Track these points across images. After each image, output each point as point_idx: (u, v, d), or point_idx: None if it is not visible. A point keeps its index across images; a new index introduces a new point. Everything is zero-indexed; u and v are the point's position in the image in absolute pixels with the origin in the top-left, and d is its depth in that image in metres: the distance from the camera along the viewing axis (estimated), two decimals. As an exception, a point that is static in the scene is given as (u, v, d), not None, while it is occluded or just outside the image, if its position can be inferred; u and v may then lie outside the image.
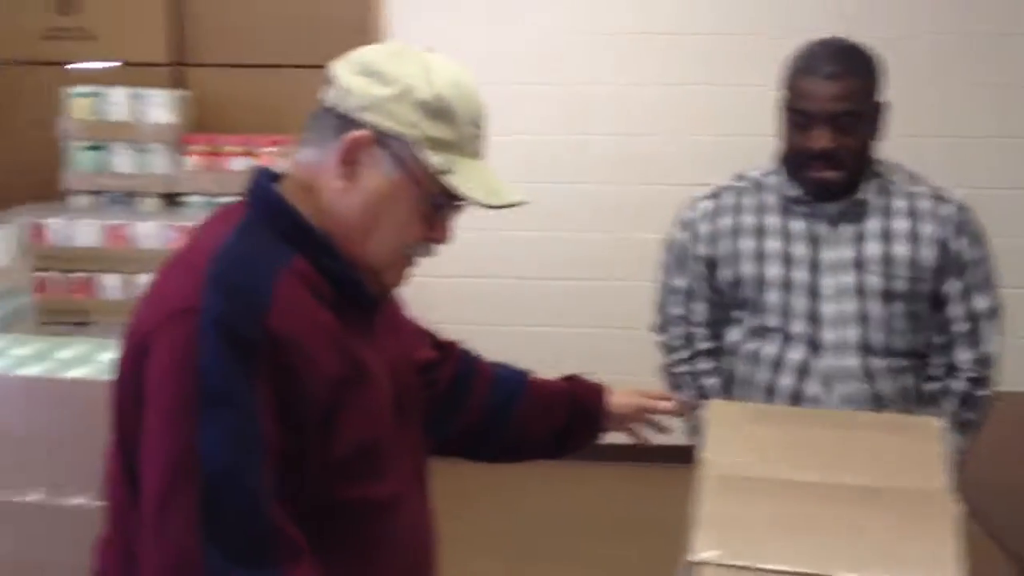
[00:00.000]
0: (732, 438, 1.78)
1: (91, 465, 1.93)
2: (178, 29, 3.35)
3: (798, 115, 2.09)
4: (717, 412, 1.89)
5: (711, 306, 2.21)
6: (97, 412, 1.86)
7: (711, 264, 2.19)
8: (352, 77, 1.33)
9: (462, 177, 1.32)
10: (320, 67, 2.86)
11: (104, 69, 3.34)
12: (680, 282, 2.24)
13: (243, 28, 3.32)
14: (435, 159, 1.30)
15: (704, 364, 2.25)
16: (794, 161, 2.13)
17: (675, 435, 1.96)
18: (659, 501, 1.62)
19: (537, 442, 1.72)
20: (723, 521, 1.46)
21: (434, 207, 1.33)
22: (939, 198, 2.15)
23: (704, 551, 1.35)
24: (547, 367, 1.87)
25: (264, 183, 1.35)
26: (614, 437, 1.82)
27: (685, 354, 2.26)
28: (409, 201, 1.32)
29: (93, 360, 2.05)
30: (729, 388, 2.22)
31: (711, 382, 2.24)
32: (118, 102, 3.04)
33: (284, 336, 1.20)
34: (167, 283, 1.27)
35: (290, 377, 1.20)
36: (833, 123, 2.05)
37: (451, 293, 4.78)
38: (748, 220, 2.17)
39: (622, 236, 4.26)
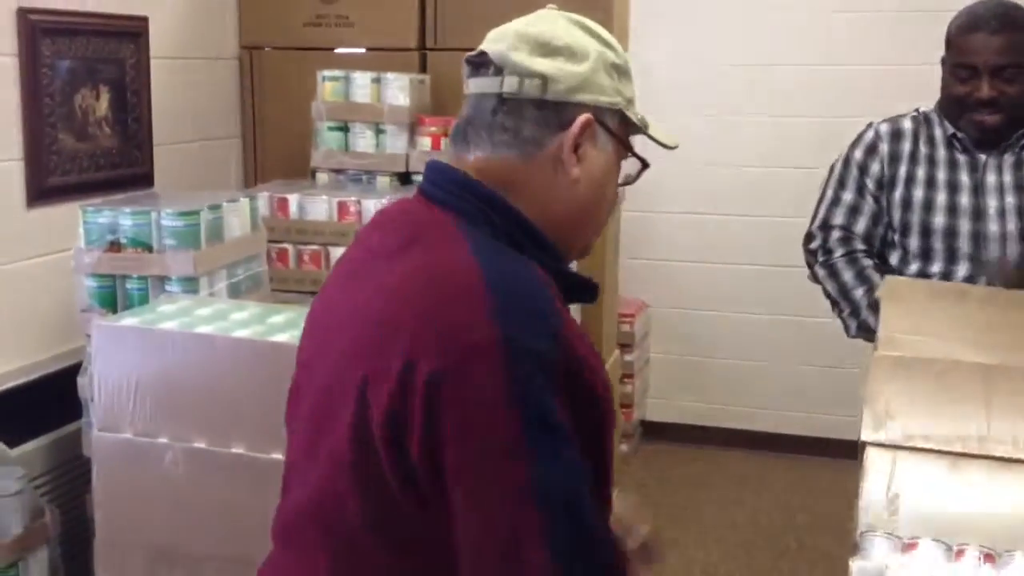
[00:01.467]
0: (906, 315, 1.81)
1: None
2: (424, 16, 3.50)
3: (963, 69, 2.27)
4: (892, 288, 1.98)
5: (873, 223, 2.39)
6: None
7: (887, 183, 2.38)
8: (535, 60, 1.25)
9: (653, 128, 1.34)
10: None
11: (359, 54, 3.55)
12: (848, 196, 2.42)
13: (481, 14, 3.41)
14: (636, 118, 1.31)
15: (863, 256, 2.38)
16: (957, 108, 2.31)
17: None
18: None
19: None
20: (890, 401, 1.47)
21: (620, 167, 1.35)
22: None
23: (870, 432, 1.38)
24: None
25: (476, 186, 1.26)
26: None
27: (843, 250, 2.40)
28: (618, 170, 1.33)
29: (300, 326, 2.19)
30: None
31: (871, 263, 2.37)
32: (362, 85, 3.21)
33: (572, 351, 1.15)
34: (437, 311, 1.14)
35: (584, 393, 1.16)
36: (998, 75, 2.24)
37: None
38: (923, 149, 2.36)
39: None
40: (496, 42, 1.28)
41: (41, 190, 2.79)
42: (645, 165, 1.36)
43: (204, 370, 2.11)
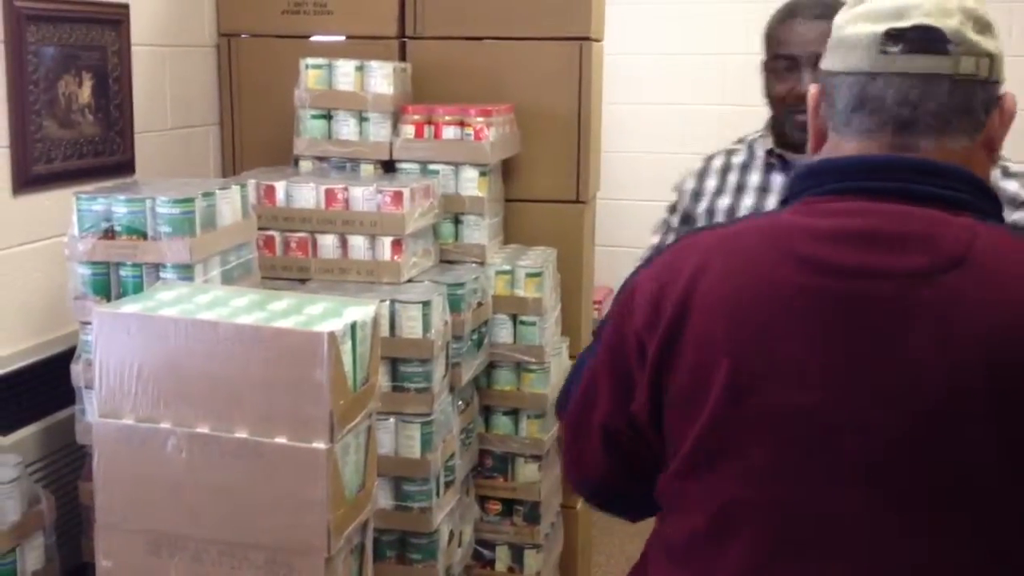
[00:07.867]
0: None
1: (290, 407, 2.11)
2: (404, 4, 3.51)
3: (781, 61, 2.09)
4: None
5: None
6: (297, 359, 2.05)
7: (687, 219, 2.25)
8: (982, 38, 1.23)
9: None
10: (529, 39, 2.89)
11: (338, 42, 3.56)
12: (673, 219, 2.32)
13: (460, 3, 3.44)
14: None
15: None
16: (779, 108, 2.13)
17: None
18: None
19: None
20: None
21: None
22: None
23: None
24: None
25: (981, 182, 1.25)
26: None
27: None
28: None
29: (303, 312, 2.22)
30: None
31: None
32: (346, 73, 3.22)
33: None
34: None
35: None
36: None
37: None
38: (732, 179, 2.21)
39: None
40: (944, 17, 1.21)
41: (27, 178, 2.77)
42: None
43: (207, 356, 2.12)
